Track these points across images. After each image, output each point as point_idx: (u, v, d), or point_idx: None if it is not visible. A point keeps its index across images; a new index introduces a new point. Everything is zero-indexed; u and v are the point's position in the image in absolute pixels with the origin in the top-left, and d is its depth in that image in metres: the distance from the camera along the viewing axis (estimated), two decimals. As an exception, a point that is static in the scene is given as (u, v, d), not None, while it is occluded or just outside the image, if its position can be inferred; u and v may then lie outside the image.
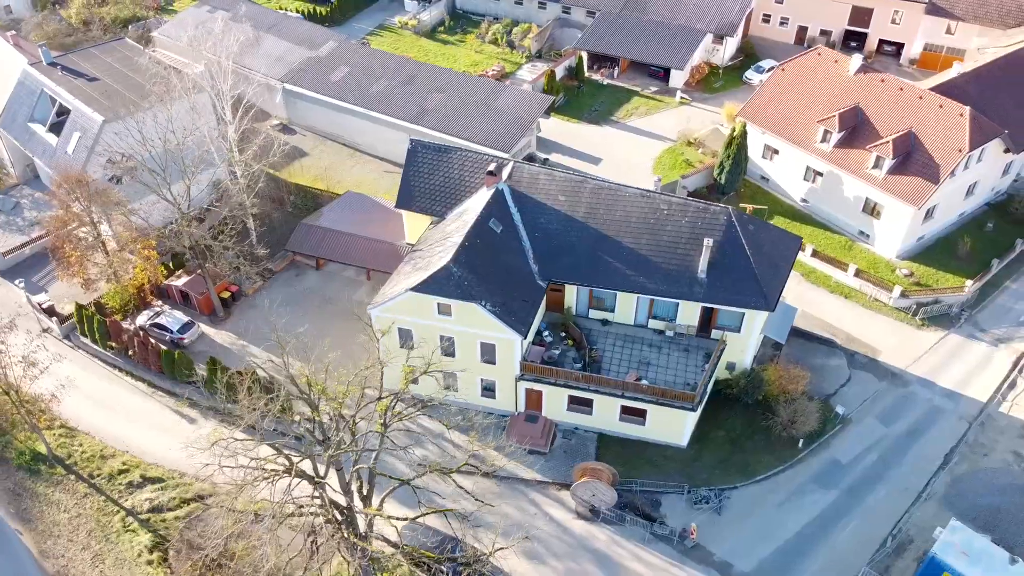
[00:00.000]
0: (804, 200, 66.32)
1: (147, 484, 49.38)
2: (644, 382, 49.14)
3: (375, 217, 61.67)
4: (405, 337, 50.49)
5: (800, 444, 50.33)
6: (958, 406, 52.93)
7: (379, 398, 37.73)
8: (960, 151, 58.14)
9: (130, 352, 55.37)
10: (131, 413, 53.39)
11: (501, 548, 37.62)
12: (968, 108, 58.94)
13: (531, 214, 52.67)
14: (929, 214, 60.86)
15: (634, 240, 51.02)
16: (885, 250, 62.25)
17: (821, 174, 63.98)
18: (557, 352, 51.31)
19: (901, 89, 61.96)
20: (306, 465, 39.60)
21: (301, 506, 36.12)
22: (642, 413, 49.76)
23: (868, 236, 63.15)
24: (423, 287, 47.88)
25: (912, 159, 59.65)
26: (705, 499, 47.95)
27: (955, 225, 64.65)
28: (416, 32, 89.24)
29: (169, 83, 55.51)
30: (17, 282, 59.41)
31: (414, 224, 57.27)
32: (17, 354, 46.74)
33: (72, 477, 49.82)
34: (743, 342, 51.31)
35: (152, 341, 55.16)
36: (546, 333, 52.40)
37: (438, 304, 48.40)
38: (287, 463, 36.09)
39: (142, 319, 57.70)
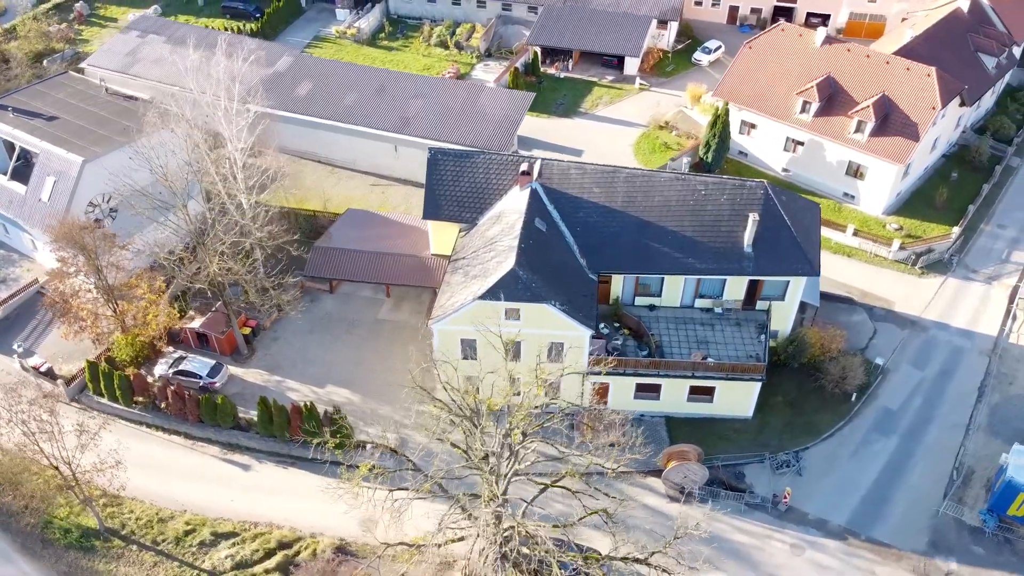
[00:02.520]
0: (785, 170, 69.44)
1: (220, 540, 46.21)
2: (710, 360, 50.30)
3: (389, 232, 59.73)
4: (468, 348, 49.46)
5: (854, 398, 52.98)
6: (975, 343, 57.16)
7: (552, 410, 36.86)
8: (934, 108, 62.56)
9: (163, 405, 51.37)
10: (175, 469, 49.71)
11: (680, 537, 37.60)
12: (934, 68, 63.51)
13: (568, 209, 52.66)
14: (906, 171, 65.16)
15: (676, 223, 51.98)
16: (871, 208, 66.19)
17: (802, 143, 67.19)
18: (619, 342, 51.66)
19: (868, 56, 65.95)
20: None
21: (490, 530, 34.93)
22: (710, 391, 50.92)
23: (853, 197, 66.93)
24: (492, 293, 47.04)
25: (890, 120, 63.65)
26: (786, 463, 49.70)
27: (922, 179, 69.54)
28: (357, 41, 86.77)
29: (167, 113, 51.79)
30: (16, 345, 53.75)
31: (441, 234, 55.97)
32: (67, 424, 42.55)
33: (134, 548, 45.89)
34: (787, 309, 53.39)
35: (186, 391, 51.41)
36: (602, 325, 52.59)
37: (506, 309, 47.71)
38: (441, 489, 34.76)
39: (160, 368, 53.64)
